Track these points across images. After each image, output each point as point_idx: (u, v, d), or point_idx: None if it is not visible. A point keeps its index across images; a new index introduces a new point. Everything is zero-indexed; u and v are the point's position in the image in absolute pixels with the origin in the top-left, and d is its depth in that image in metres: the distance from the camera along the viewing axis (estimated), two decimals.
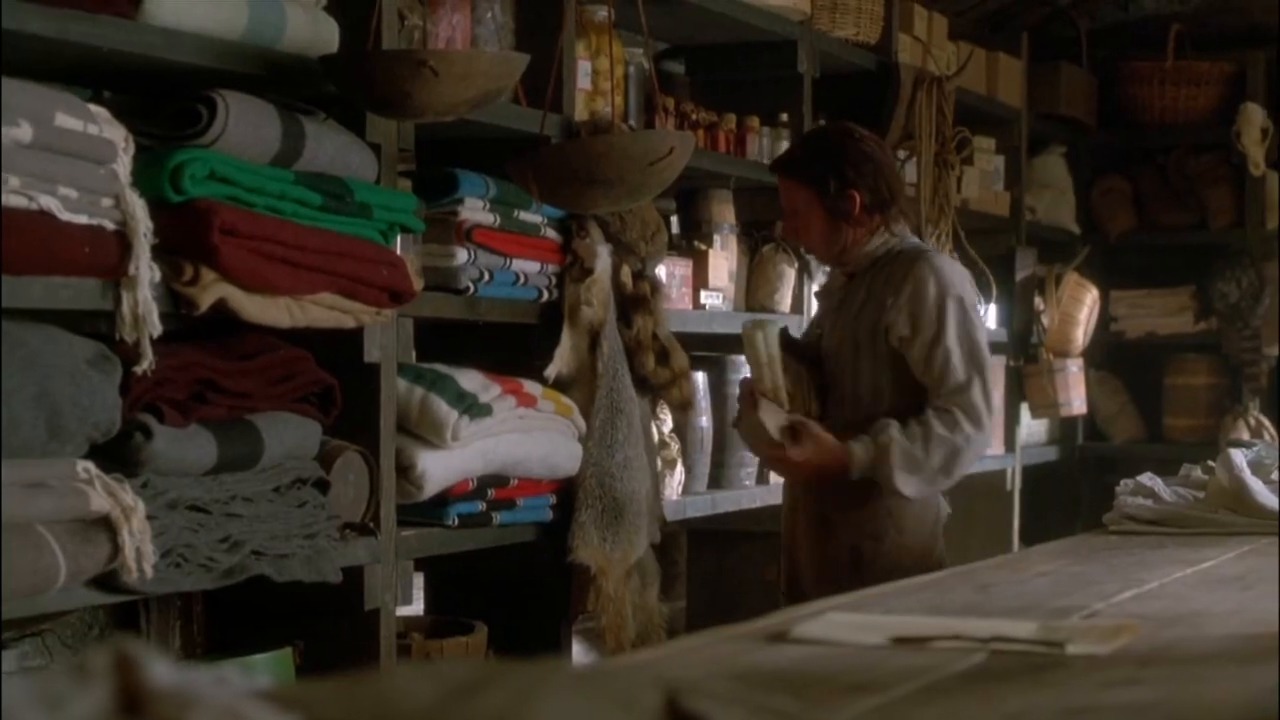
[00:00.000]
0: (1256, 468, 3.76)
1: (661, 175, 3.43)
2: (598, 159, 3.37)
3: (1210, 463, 3.85)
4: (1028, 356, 6.68)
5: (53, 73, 3.02)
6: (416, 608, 4.18)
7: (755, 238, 5.04)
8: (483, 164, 3.82)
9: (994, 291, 6.24)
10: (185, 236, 2.95)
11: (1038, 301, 6.68)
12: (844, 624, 2.23)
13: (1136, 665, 2.00)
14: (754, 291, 5.00)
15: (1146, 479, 3.78)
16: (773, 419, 3.75)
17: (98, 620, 3.45)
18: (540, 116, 3.77)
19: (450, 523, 3.68)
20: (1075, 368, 6.72)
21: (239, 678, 1.38)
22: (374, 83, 3.13)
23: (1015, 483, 6.64)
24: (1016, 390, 6.67)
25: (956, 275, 3.90)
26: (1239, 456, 3.66)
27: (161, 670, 1.20)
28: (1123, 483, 3.83)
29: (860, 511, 3.83)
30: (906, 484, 3.76)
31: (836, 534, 3.86)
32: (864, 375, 3.86)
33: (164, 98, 3.08)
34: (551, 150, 3.48)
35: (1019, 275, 6.61)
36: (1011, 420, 6.64)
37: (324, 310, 3.24)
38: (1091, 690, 1.88)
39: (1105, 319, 7.24)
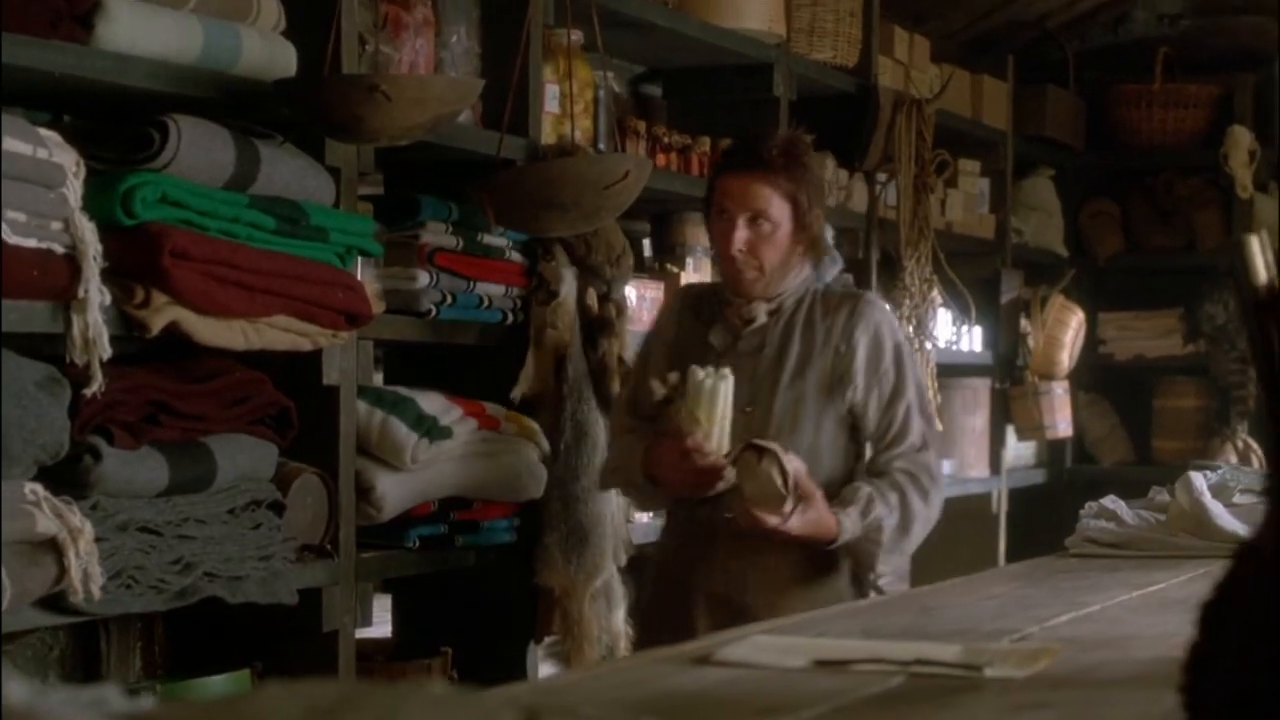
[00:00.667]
0: (1220, 490, 3.75)
1: (618, 199, 3.44)
2: (552, 182, 3.39)
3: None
4: (1013, 379, 6.69)
5: (11, 96, 3.04)
6: (384, 630, 4.20)
7: None
8: (453, 188, 3.83)
9: (973, 314, 6.25)
10: (137, 260, 2.97)
11: (1023, 324, 6.69)
12: (769, 646, 2.24)
13: (1049, 688, 2.00)
14: None
15: (1109, 502, 3.76)
16: (780, 479, 3.31)
17: (58, 642, 3.46)
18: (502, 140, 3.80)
19: (411, 545, 3.69)
20: (1061, 390, 6.72)
21: (117, 698, 1.40)
22: (327, 107, 3.15)
23: (1001, 505, 6.64)
24: (1002, 413, 6.67)
25: (896, 321, 3.70)
26: (1199, 480, 3.65)
27: (17, 690, 1.21)
28: (1087, 505, 3.82)
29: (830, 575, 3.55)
30: (885, 563, 3.56)
31: (823, 583, 3.53)
32: (805, 435, 3.49)
33: (120, 121, 3.10)
34: (507, 174, 3.50)
35: (1004, 298, 6.61)
36: (996, 443, 6.65)
37: (280, 333, 3.25)
38: (1000, 713, 1.88)
39: (1094, 341, 7.25)
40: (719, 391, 3.35)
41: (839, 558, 3.52)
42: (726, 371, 3.39)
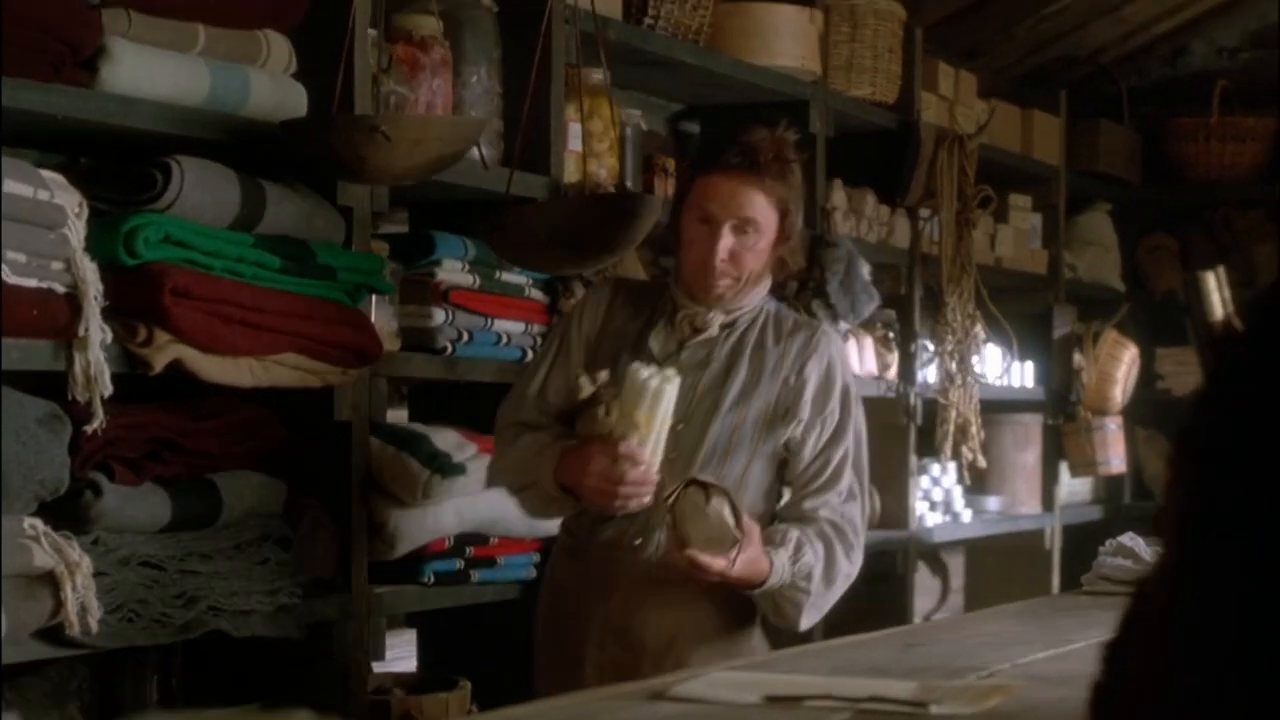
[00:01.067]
0: None
1: (625, 237, 3.45)
2: (557, 221, 3.41)
3: None
4: (1066, 415, 6.64)
5: (20, 138, 3.11)
6: (410, 664, 4.23)
7: None
8: (476, 226, 3.86)
9: (1015, 350, 6.22)
10: (139, 299, 3.02)
11: (1077, 359, 6.65)
12: (724, 682, 2.25)
13: None
14: None
15: (1128, 539, 3.75)
16: (732, 519, 3.00)
17: (76, 675, 3.51)
18: (525, 179, 3.83)
19: (426, 580, 3.72)
20: (1114, 426, 6.68)
21: None
22: (331, 147, 3.19)
23: (1055, 542, 6.60)
24: (1054, 449, 6.63)
25: (850, 360, 3.49)
26: None
27: None
28: (1106, 543, 3.81)
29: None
30: (807, 619, 3.21)
31: (738, 632, 3.28)
32: (736, 466, 3.21)
33: (131, 162, 3.16)
34: (513, 213, 3.52)
35: (1057, 333, 6.58)
36: (1049, 479, 6.61)
37: (288, 370, 3.29)
38: None
39: (1150, 376, 7.18)
40: (664, 395, 3.06)
41: (754, 605, 3.23)
42: (673, 373, 3.10)
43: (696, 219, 3.22)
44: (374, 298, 3.56)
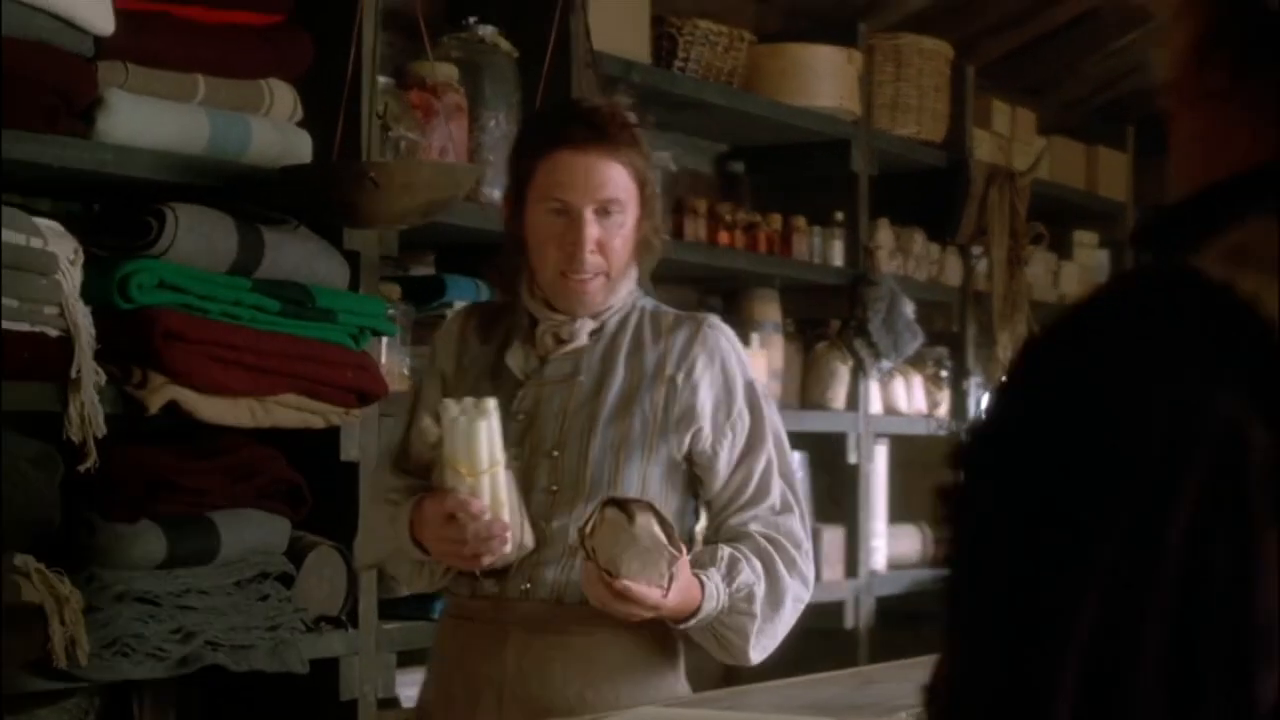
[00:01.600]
0: None
1: None
2: None
3: None
4: None
5: (22, 186, 3.21)
6: None
7: (809, 335, 5.10)
8: None
9: None
10: (133, 342, 3.11)
11: None
12: (646, 717, 2.28)
13: None
14: (808, 389, 5.05)
15: None
16: (663, 535, 2.54)
17: (93, 707, 3.60)
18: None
19: (436, 617, 3.77)
20: None
21: None
22: (325, 193, 3.27)
23: None
24: None
25: (747, 354, 2.94)
26: None
27: None
28: None
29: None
30: (757, 650, 2.71)
31: (662, 670, 2.76)
32: (629, 488, 2.69)
33: (135, 208, 3.25)
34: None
35: None
36: None
37: (290, 411, 3.37)
38: None
39: None
40: (477, 431, 2.63)
41: (674, 642, 2.76)
42: (489, 403, 2.66)
43: (549, 211, 2.74)
44: (385, 340, 3.64)
